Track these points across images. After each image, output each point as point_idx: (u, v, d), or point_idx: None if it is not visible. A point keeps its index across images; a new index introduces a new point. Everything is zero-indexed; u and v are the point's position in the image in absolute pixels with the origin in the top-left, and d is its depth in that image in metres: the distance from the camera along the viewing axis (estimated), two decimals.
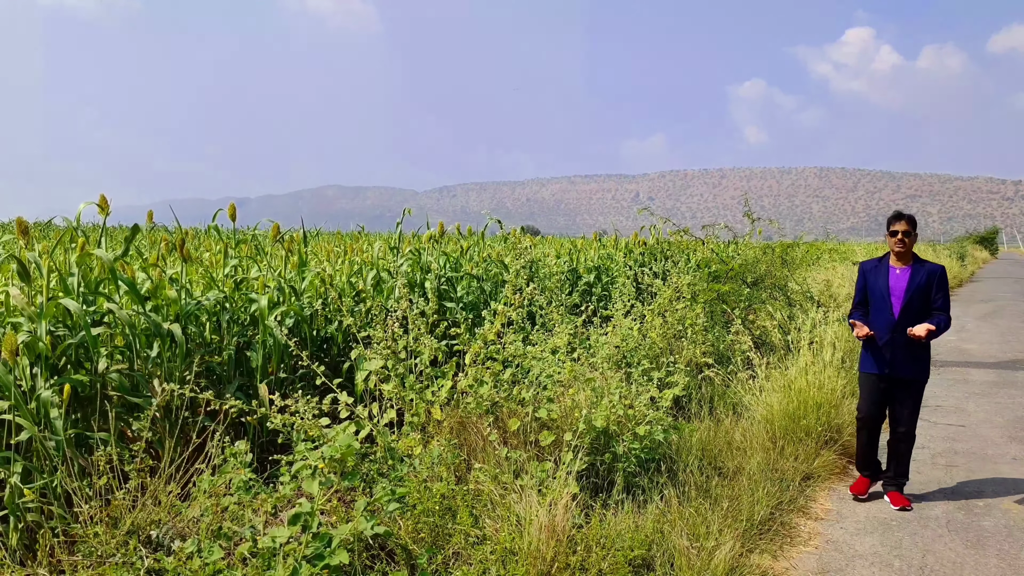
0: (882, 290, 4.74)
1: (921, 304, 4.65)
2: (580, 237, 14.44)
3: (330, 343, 6.04)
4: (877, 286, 4.78)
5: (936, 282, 4.67)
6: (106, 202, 4.37)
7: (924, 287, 4.64)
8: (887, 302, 4.70)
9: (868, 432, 4.91)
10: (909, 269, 4.71)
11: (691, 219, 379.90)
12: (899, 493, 4.79)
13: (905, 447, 4.80)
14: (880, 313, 4.75)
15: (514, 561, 3.22)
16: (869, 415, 4.87)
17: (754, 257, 9.80)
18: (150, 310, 4.67)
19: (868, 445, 4.92)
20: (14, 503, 3.49)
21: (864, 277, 4.91)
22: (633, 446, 4.37)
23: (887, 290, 4.72)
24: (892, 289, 4.70)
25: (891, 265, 4.78)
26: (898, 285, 4.69)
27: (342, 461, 3.49)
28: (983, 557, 4.03)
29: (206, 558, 2.91)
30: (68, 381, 3.79)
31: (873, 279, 4.82)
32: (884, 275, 4.77)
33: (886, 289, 4.72)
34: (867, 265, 4.95)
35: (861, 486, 4.93)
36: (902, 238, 4.69)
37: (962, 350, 10.99)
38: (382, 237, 11.23)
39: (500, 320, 4.74)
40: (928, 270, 4.69)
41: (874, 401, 4.83)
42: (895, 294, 4.69)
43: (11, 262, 4.06)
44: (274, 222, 5.77)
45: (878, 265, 4.85)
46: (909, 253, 4.76)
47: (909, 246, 4.73)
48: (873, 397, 4.83)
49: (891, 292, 4.70)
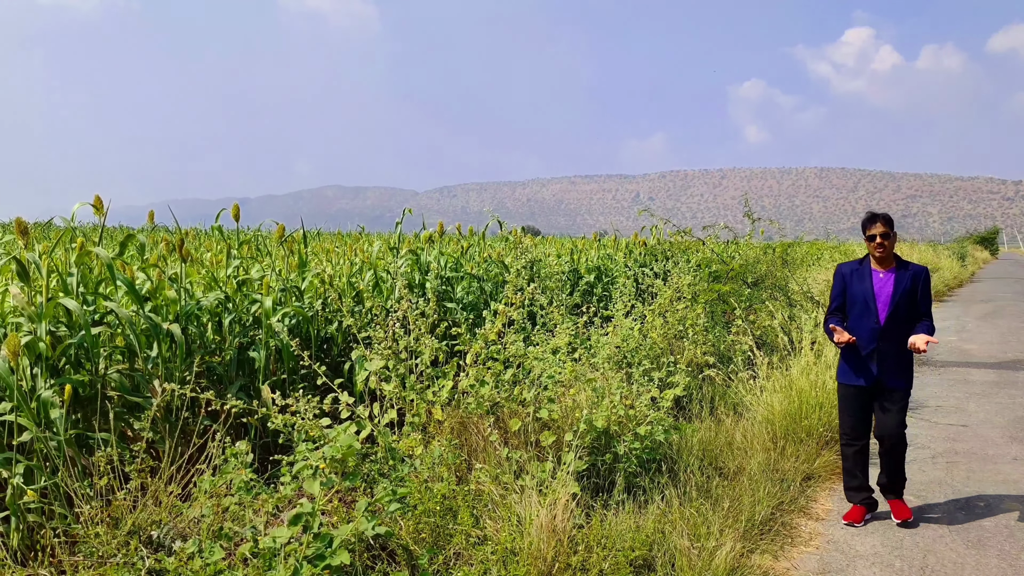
0: (865, 295, 4.38)
1: (907, 309, 4.34)
2: (580, 237, 14.45)
3: (330, 343, 6.04)
4: (860, 291, 4.40)
5: (922, 285, 4.37)
6: (101, 203, 4.37)
7: (910, 291, 4.33)
8: (871, 308, 4.35)
9: (856, 451, 4.53)
10: (893, 273, 4.38)
11: (691, 219, 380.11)
12: (900, 501, 4.52)
13: (898, 452, 4.50)
14: (863, 320, 4.39)
15: (515, 561, 3.21)
16: (855, 431, 4.52)
17: (755, 257, 9.81)
18: (150, 310, 4.67)
19: (857, 466, 4.53)
20: (15, 503, 3.49)
21: (843, 281, 4.52)
22: (634, 446, 4.36)
23: (871, 295, 4.36)
24: (876, 294, 4.36)
25: (873, 269, 4.44)
26: (883, 290, 4.36)
27: (343, 461, 3.49)
28: (984, 557, 4.02)
29: (207, 558, 2.91)
30: (69, 381, 3.79)
31: (854, 284, 4.44)
32: (867, 279, 4.40)
33: (870, 294, 4.36)
34: (846, 268, 4.55)
35: (856, 513, 4.51)
36: (881, 242, 4.32)
37: (962, 350, 10.99)
38: (382, 237, 11.24)
39: (501, 320, 4.74)
40: (913, 273, 4.38)
41: (859, 416, 4.49)
42: (880, 299, 4.35)
43: (11, 262, 4.06)
44: (279, 223, 5.79)
45: (859, 268, 4.47)
46: (890, 256, 4.41)
47: (889, 248, 4.36)
48: (857, 411, 4.49)
49: (876, 297, 4.36)
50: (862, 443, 4.52)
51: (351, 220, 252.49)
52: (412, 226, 9.74)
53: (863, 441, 4.52)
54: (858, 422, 4.51)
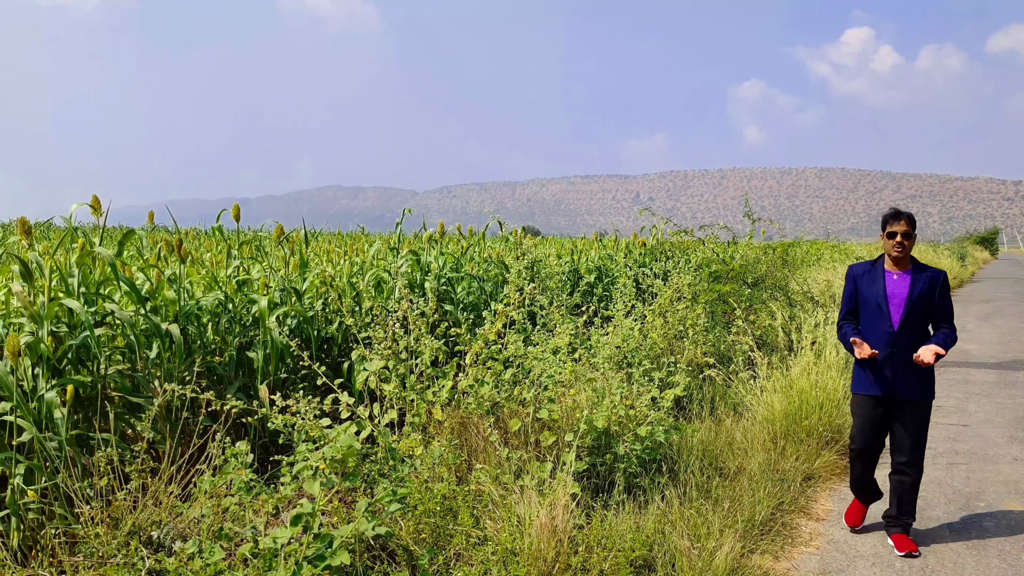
0: (878, 298, 4.14)
1: (922, 315, 4.11)
2: (580, 237, 14.45)
3: (331, 343, 6.05)
4: (872, 293, 4.17)
5: (939, 291, 4.11)
6: (99, 203, 4.37)
7: (926, 296, 4.09)
8: (884, 312, 4.11)
9: (864, 462, 4.28)
10: (909, 275, 4.14)
11: (691, 219, 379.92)
12: (905, 535, 4.15)
13: (911, 481, 4.14)
14: (875, 324, 4.15)
15: (515, 562, 3.21)
16: (866, 447, 4.22)
17: (755, 257, 9.81)
18: (149, 311, 4.67)
19: (864, 474, 4.31)
20: (15, 503, 3.49)
21: (855, 283, 4.29)
22: (634, 446, 4.36)
23: (884, 298, 4.12)
24: (890, 297, 4.12)
25: (887, 270, 4.19)
26: (897, 292, 4.12)
27: (343, 462, 3.49)
28: (984, 558, 4.02)
29: (207, 559, 2.91)
30: (71, 382, 3.79)
31: (867, 286, 4.21)
32: (880, 281, 4.17)
33: (883, 297, 4.12)
34: (858, 269, 4.32)
35: (856, 516, 4.38)
36: (901, 240, 4.08)
37: (962, 350, 10.98)
38: (382, 237, 11.24)
39: (501, 320, 4.74)
40: (930, 276, 4.12)
41: (872, 430, 4.19)
42: (894, 302, 4.11)
43: (13, 262, 4.06)
44: (278, 223, 5.79)
45: (871, 270, 4.24)
46: (907, 257, 4.16)
47: (908, 249, 4.12)
48: (870, 424, 4.18)
49: (889, 300, 4.11)
50: (872, 455, 4.26)
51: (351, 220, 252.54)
52: (412, 226, 9.75)
53: (874, 455, 4.27)
54: (870, 436, 4.21)
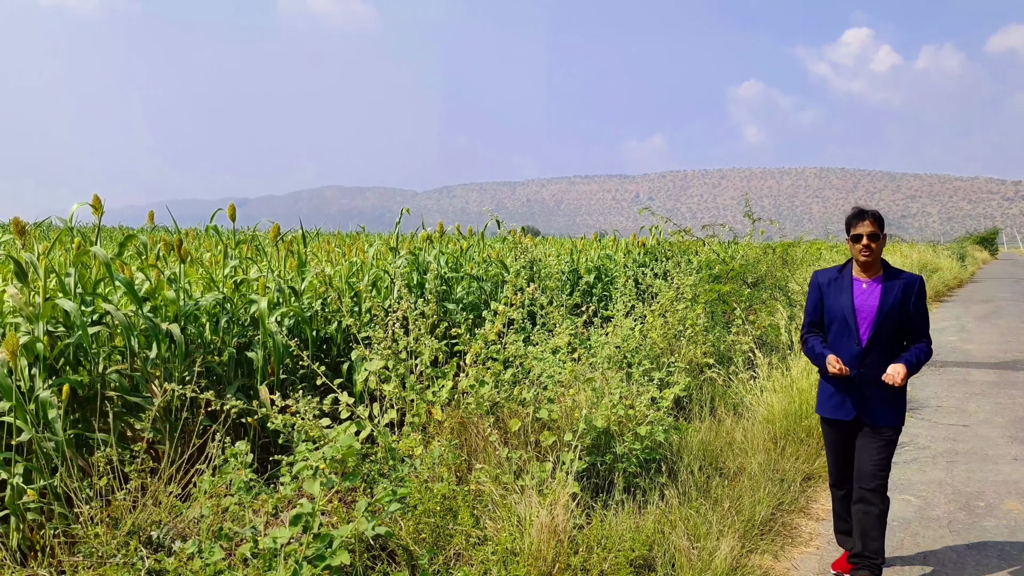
0: (844, 311, 3.60)
1: (895, 327, 3.56)
2: (580, 237, 14.44)
3: (330, 343, 6.04)
4: (838, 305, 3.63)
5: (914, 299, 3.57)
6: (99, 202, 4.36)
7: (900, 306, 3.54)
8: (851, 327, 3.58)
9: (843, 495, 3.83)
10: (879, 283, 3.59)
11: (691, 219, 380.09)
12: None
13: (876, 512, 3.55)
14: (841, 341, 3.62)
15: (515, 562, 3.21)
16: (838, 474, 3.80)
17: (755, 257, 9.81)
18: (148, 311, 4.66)
19: (847, 510, 3.80)
20: (15, 503, 3.49)
21: (819, 292, 3.76)
22: (634, 446, 4.36)
23: (851, 311, 3.59)
24: (858, 309, 3.59)
25: (855, 277, 3.65)
26: (866, 304, 3.58)
27: (343, 461, 3.49)
28: (984, 558, 4.02)
29: (207, 559, 2.91)
30: (68, 381, 3.78)
31: (832, 296, 3.68)
32: (847, 291, 3.63)
33: (850, 309, 3.59)
34: (822, 277, 3.78)
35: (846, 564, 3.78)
36: (868, 243, 3.53)
37: (962, 350, 10.98)
38: (382, 237, 11.24)
39: (501, 320, 4.73)
40: (904, 283, 3.58)
41: (842, 456, 3.75)
42: (862, 315, 3.57)
43: (8, 262, 4.05)
44: (274, 223, 5.77)
45: (838, 277, 3.70)
46: (877, 261, 3.61)
47: (878, 252, 3.56)
48: (840, 451, 3.75)
49: (856, 313, 3.58)
50: (848, 488, 3.78)
51: (351, 220, 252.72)
52: (412, 226, 9.73)
53: (849, 486, 3.76)
54: (841, 464, 3.78)
